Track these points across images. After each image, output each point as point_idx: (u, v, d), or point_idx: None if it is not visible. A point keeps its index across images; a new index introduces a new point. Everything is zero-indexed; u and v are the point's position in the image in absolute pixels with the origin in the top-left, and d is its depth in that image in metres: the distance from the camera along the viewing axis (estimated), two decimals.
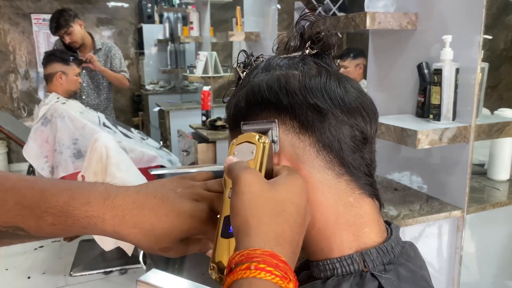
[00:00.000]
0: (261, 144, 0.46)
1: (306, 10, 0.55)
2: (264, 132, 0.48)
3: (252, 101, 0.51)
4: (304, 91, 0.49)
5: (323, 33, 0.53)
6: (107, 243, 2.24)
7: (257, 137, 0.47)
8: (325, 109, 0.49)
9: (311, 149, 0.49)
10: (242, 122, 0.50)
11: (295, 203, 0.42)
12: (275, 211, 0.40)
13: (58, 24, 2.90)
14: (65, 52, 2.84)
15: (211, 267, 0.43)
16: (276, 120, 0.48)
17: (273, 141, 0.48)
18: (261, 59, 0.58)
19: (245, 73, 0.57)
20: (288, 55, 0.55)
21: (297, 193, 0.43)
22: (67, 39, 2.96)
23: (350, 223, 0.50)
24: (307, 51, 0.54)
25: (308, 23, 0.54)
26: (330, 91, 0.50)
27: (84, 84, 3.08)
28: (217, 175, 0.55)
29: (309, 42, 0.54)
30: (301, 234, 0.43)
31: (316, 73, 0.51)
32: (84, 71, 3.03)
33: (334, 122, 0.49)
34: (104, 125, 2.68)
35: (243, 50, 0.58)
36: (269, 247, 0.37)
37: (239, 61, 0.58)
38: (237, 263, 0.36)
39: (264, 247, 0.37)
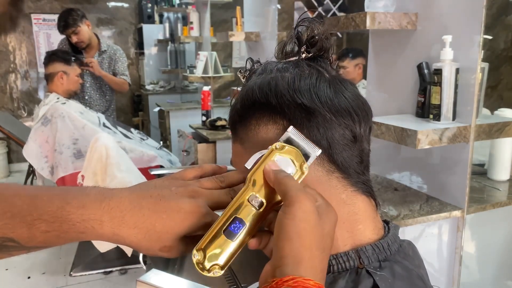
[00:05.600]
0: (300, 172, 0.48)
1: (306, 14, 0.56)
2: (304, 154, 0.48)
3: (246, 103, 0.54)
4: (292, 92, 0.51)
5: (317, 37, 0.54)
6: (103, 245, 2.24)
7: (301, 162, 0.48)
8: (312, 108, 0.50)
9: None
10: (292, 127, 0.50)
11: (331, 237, 0.45)
12: (322, 246, 0.43)
13: (66, 23, 2.91)
14: (67, 53, 2.84)
15: (198, 248, 0.44)
16: (320, 151, 0.49)
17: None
18: (257, 65, 0.60)
19: (245, 78, 0.59)
20: (286, 60, 0.56)
21: (334, 227, 0.45)
22: (74, 39, 2.97)
23: (343, 220, 0.51)
24: (303, 55, 0.55)
25: (304, 27, 0.55)
26: (319, 91, 0.51)
27: (87, 85, 3.08)
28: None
29: (304, 47, 0.55)
30: None
31: (307, 74, 0.53)
32: (87, 71, 3.03)
33: (321, 121, 0.50)
34: (104, 125, 2.68)
35: (250, 58, 0.59)
36: (318, 280, 0.40)
37: (245, 68, 0.59)
38: (290, 287, 0.38)
39: (315, 279, 0.40)
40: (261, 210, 0.46)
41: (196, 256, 0.44)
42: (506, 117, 1.42)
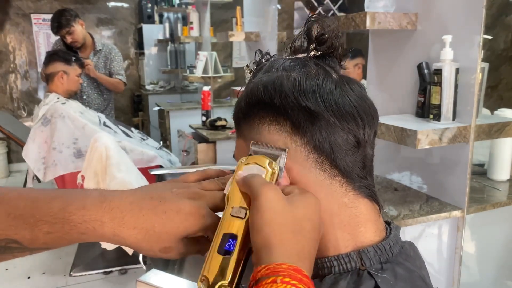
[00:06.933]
0: (271, 170, 0.48)
1: (312, 12, 0.56)
2: (272, 158, 0.49)
3: (250, 102, 0.53)
4: (296, 93, 0.50)
5: (327, 35, 0.53)
6: (108, 243, 2.24)
7: (267, 162, 0.48)
8: (316, 111, 0.49)
9: (302, 150, 0.50)
10: (252, 142, 0.51)
11: (311, 219, 0.45)
12: (295, 229, 0.43)
13: (60, 23, 2.91)
14: (67, 52, 2.83)
15: (201, 279, 0.44)
16: (286, 149, 0.49)
17: (279, 168, 0.49)
18: (266, 57, 0.59)
19: (252, 73, 0.58)
20: (294, 56, 0.55)
21: (313, 210, 0.46)
22: (69, 39, 2.97)
23: (345, 223, 0.51)
24: (312, 53, 0.54)
25: (314, 24, 0.54)
26: (324, 93, 0.50)
27: (85, 84, 3.07)
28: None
29: (313, 44, 0.54)
30: (316, 249, 0.45)
31: (314, 75, 0.52)
32: (84, 71, 3.03)
33: (325, 125, 0.49)
34: (105, 124, 2.68)
35: (259, 50, 0.58)
36: (292, 262, 0.40)
37: (253, 61, 0.59)
38: (263, 276, 0.39)
39: (288, 262, 0.40)
40: (246, 218, 0.46)
41: (202, 286, 0.44)
42: (506, 117, 1.42)
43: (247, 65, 0.59)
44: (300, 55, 0.55)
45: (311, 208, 0.45)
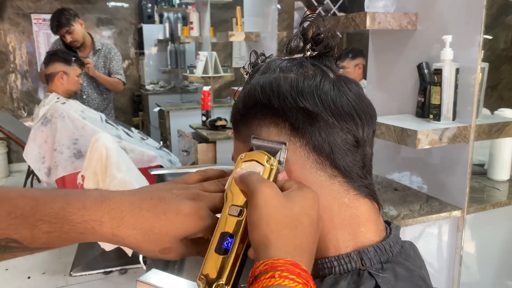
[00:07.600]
0: (269, 167, 0.48)
1: (308, 12, 0.56)
2: (272, 152, 0.49)
3: (248, 103, 0.53)
4: (295, 94, 0.50)
5: (323, 35, 0.53)
6: (107, 243, 2.24)
7: (266, 158, 0.48)
8: (315, 112, 0.49)
9: (302, 151, 0.50)
10: (253, 136, 0.51)
11: (309, 214, 0.45)
12: (292, 224, 0.43)
13: (59, 23, 2.91)
14: (67, 53, 2.84)
15: (200, 278, 0.44)
16: (287, 143, 0.49)
17: (279, 162, 0.49)
18: (262, 58, 0.59)
19: (249, 74, 0.58)
20: (290, 57, 0.55)
21: (310, 205, 0.45)
22: (68, 38, 2.97)
23: (345, 223, 0.51)
24: (308, 53, 0.54)
25: (310, 24, 0.54)
26: (322, 93, 0.50)
27: (85, 84, 3.08)
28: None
29: (309, 44, 0.54)
30: (315, 243, 0.45)
31: (311, 75, 0.52)
32: (83, 71, 3.03)
33: (324, 125, 0.49)
34: (107, 122, 2.68)
35: (254, 51, 0.58)
36: (290, 257, 0.40)
37: (249, 62, 0.58)
38: (261, 272, 0.39)
39: (286, 257, 0.40)
40: (243, 216, 0.46)
41: (200, 285, 0.44)
42: (506, 117, 1.42)
43: (243, 67, 0.59)
44: (296, 56, 0.55)
45: (309, 202, 0.45)
